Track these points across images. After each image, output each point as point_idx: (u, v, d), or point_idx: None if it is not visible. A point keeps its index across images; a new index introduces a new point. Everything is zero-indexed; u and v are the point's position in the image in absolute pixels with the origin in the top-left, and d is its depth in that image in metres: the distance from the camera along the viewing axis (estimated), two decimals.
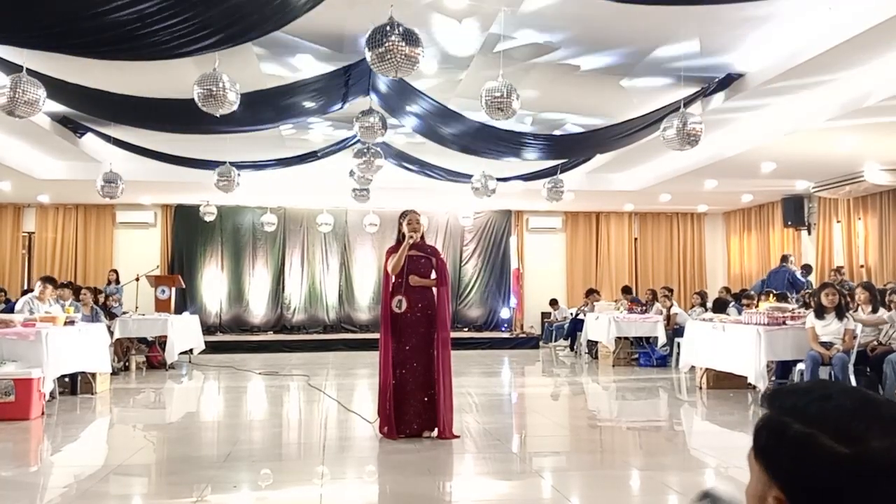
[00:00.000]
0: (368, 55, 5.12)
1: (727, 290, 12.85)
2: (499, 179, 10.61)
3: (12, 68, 6.39)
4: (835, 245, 13.67)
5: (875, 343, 6.96)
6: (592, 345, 12.18)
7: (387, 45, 4.98)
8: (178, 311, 12.99)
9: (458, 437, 5.50)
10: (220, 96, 6.29)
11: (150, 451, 5.53)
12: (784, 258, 12.28)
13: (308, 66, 8.01)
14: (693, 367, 8.55)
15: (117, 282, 13.52)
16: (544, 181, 10.44)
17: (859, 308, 7.32)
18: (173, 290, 12.92)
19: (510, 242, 16.89)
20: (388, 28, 5.00)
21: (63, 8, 4.81)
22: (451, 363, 5.67)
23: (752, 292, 10.90)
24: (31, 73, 6.10)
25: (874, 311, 7.19)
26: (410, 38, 5.02)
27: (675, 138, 6.98)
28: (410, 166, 11.20)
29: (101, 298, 11.42)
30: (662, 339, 10.96)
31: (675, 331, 10.71)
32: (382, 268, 5.89)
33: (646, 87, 8.63)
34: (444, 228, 16.76)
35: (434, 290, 5.69)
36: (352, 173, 10.35)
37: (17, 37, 5.29)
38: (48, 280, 8.68)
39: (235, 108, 6.47)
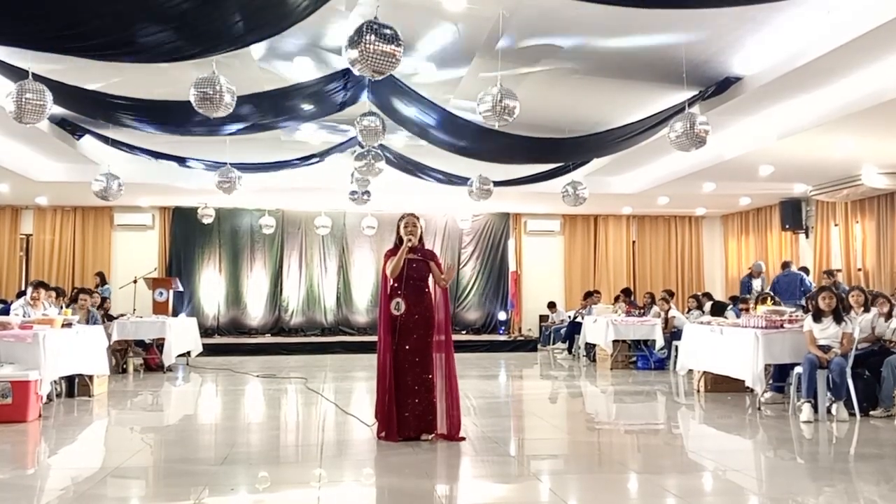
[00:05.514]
0: (346, 56, 5.10)
1: (707, 294, 12.73)
2: (497, 183, 10.62)
3: (15, 72, 6.40)
4: (833, 248, 13.69)
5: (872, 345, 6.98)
6: (590, 348, 12.18)
7: (362, 45, 4.95)
8: (176, 313, 12.99)
9: (463, 439, 5.51)
10: (217, 99, 6.29)
11: (147, 454, 5.51)
12: (788, 263, 12.32)
13: (306, 68, 8.02)
14: (691, 371, 8.55)
15: (102, 283, 13.57)
16: (564, 185, 10.44)
17: (851, 311, 7.34)
18: (171, 292, 12.90)
19: (508, 245, 16.90)
20: (364, 28, 4.97)
21: (64, 10, 4.81)
22: (455, 365, 5.67)
23: (748, 296, 10.92)
24: (34, 77, 6.11)
25: (866, 311, 7.24)
26: (387, 35, 4.99)
27: (684, 140, 7.00)
28: (409, 169, 11.20)
29: (98, 300, 11.35)
30: (660, 342, 10.96)
31: (672, 334, 10.71)
32: (381, 270, 5.90)
33: (644, 90, 8.64)
34: (443, 231, 16.77)
35: (432, 292, 5.69)
36: (353, 175, 10.36)
37: (19, 38, 5.29)
38: (40, 284, 8.69)
39: (231, 110, 6.48)
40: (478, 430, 6.09)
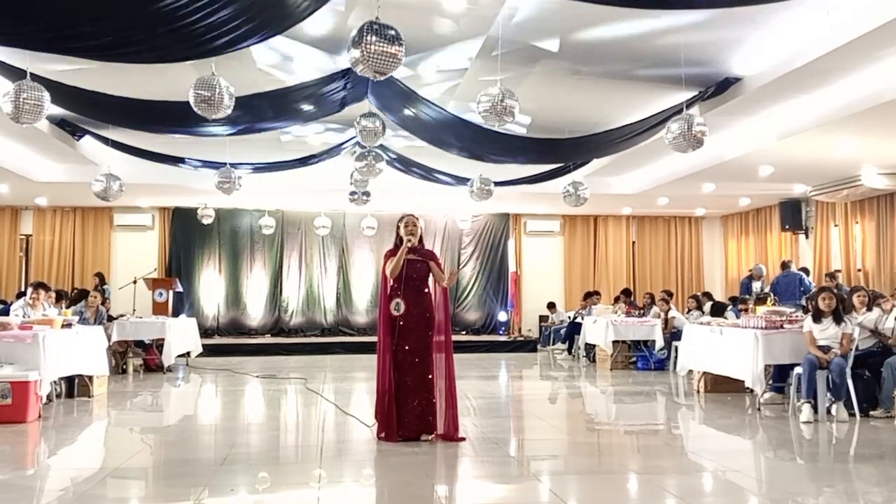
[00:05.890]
0: (348, 56, 5.12)
1: (709, 294, 12.81)
2: (498, 183, 10.62)
3: (14, 72, 6.40)
4: (832, 249, 13.70)
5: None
6: (590, 348, 12.18)
7: (363, 45, 4.96)
8: (176, 313, 12.99)
9: (463, 439, 5.52)
10: (216, 101, 6.29)
11: (147, 455, 5.52)
12: (787, 263, 12.35)
13: (306, 69, 8.02)
14: (691, 371, 8.55)
15: (102, 283, 13.61)
16: (565, 186, 10.46)
17: (853, 311, 7.35)
18: (171, 292, 12.90)
19: (508, 246, 16.90)
20: (364, 28, 4.98)
21: (65, 10, 4.81)
22: (454, 365, 5.68)
23: (747, 296, 10.94)
24: (32, 77, 6.11)
25: (869, 311, 7.25)
26: (388, 36, 5.00)
27: (681, 141, 7.01)
28: (408, 169, 11.20)
29: (100, 299, 11.35)
30: (660, 343, 10.96)
31: (672, 334, 10.72)
32: (381, 271, 5.90)
33: (644, 90, 8.64)
34: (443, 231, 16.78)
35: (432, 292, 5.70)
36: (352, 175, 10.36)
37: (20, 38, 5.29)
38: (40, 286, 8.68)
39: (229, 111, 6.48)
40: (478, 430, 6.09)
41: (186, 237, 16.04)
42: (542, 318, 15.90)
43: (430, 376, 5.54)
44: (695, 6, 5.98)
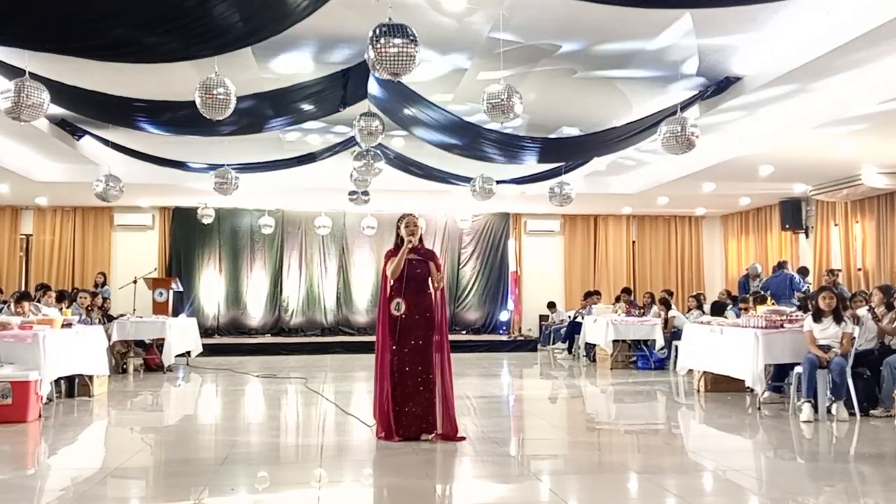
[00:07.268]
0: (367, 57, 5.14)
1: (728, 292, 12.94)
2: (498, 182, 10.62)
3: (13, 71, 6.40)
4: (832, 248, 13.69)
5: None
6: (590, 348, 12.18)
7: (378, 46, 4.98)
8: (176, 313, 12.99)
9: (463, 438, 5.52)
10: (220, 102, 6.29)
11: (147, 454, 5.52)
12: (782, 264, 12.38)
13: (306, 69, 8.02)
14: (691, 371, 8.55)
15: (104, 284, 13.61)
16: (550, 185, 10.45)
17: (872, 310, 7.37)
18: (171, 292, 12.90)
19: (508, 245, 16.91)
20: (377, 30, 4.99)
21: (65, 11, 4.81)
22: (452, 365, 5.68)
23: (747, 295, 10.96)
24: (31, 76, 6.11)
25: (888, 309, 7.24)
26: (401, 37, 5.02)
27: (673, 143, 7.02)
28: (408, 168, 11.20)
29: (93, 300, 11.32)
30: (660, 342, 10.96)
31: (672, 334, 10.72)
32: (381, 271, 5.90)
33: (643, 90, 8.64)
34: (443, 231, 16.78)
35: (433, 292, 5.70)
36: (352, 176, 10.35)
37: (19, 38, 5.29)
38: (23, 297, 8.61)
39: (230, 112, 6.48)
40: (478, 430, 6.09)
41: (186, 237, 16.04)
42: (543, 318, 15.91)
43: (429, 376, 5.54)
44: (695, 6, 5.98)
